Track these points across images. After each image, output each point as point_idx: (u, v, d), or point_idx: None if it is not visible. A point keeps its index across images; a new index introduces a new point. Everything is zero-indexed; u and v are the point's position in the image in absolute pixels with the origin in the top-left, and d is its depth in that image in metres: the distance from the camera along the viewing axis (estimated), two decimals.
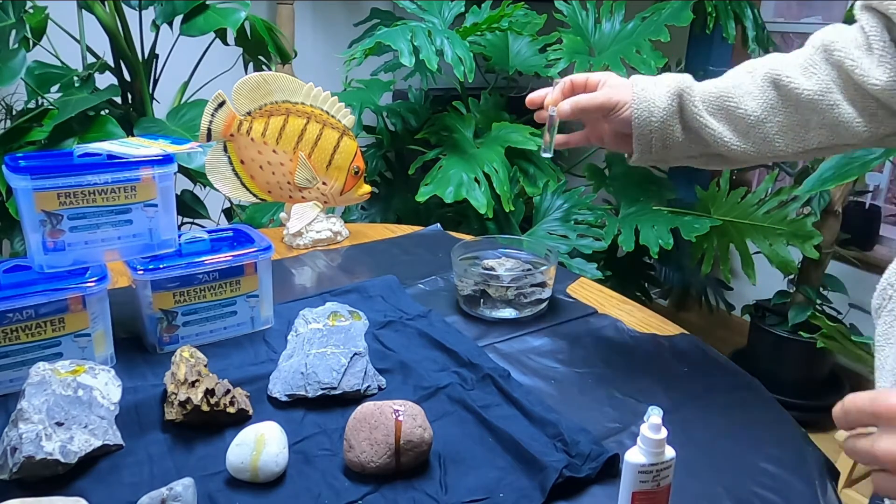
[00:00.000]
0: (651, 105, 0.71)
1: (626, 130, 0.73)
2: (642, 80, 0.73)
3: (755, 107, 0.69)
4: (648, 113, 0.71)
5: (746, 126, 0.70)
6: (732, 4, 1.96)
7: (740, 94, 0.70)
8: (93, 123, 1.48)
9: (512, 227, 1.80)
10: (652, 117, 0.71)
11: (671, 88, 0.71)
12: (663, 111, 0.71)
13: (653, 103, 0.71)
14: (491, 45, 2.07)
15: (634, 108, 0.71)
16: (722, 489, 0.59)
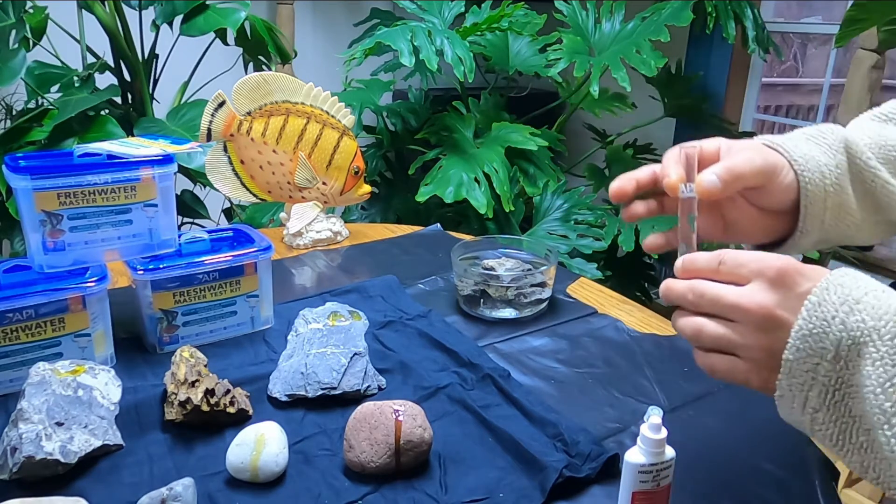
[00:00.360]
0: (818, 163, 0.53)
1: (779, 206, 0.54)
2: (781, 139, 0.55)
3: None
4: (820, 175, 0.53)
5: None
6: (732, 4, 1.96)
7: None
8: (93, 123, 1.48)
9: (512, 227, 1.80)
10: (825, 179, 0.53)
11: (833, 140, 0.55)
12: (835, 169, 0.53)
13: (819, 161, 0.53)
14: (491, 45, 2.07)
15: (802, 170, 0.52)
16: (722, 489, 0.59)
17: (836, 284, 0.41)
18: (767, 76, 2.58)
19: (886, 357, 0.38)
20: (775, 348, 0.42)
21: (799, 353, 0.41)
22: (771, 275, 0.43)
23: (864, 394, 0.39)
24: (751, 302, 0.43)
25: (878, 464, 0.40)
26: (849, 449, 0.41)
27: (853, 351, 0.40)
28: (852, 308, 0.40)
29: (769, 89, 3.17)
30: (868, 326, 0.39)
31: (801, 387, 0.42)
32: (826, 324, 0.40)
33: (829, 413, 0.41)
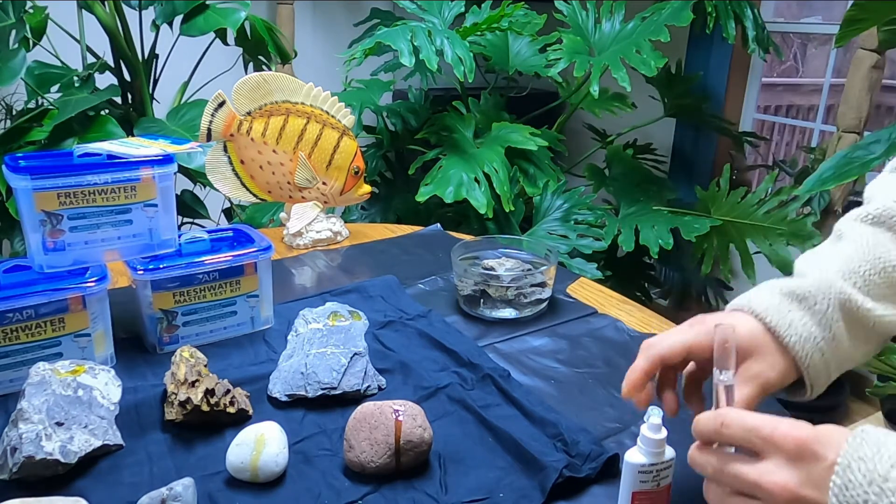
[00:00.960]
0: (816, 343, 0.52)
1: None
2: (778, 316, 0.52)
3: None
4: (820, 354, 0.52)
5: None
6: (732, 4, 1.97)
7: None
8: (93, 123, 1.48)
9: (512, 227, 1.80)
10: (825, 355, 0.52)
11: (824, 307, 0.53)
12: (832, 341, 0.52)
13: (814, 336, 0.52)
14: (491, 45, 2.07)
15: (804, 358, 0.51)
16: None
17: (857, 459, 0.38)
18: (767, 76, 2.58)
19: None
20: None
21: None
22: (790, 449, 0.41)
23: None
24: (774, 484, 0.41)
25: None
26: None
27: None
28: (882, 488, 0.37)
29: (769, 89, 3.17)
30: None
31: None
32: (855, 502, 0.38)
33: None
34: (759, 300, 0.53)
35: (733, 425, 0.43)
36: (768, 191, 1.85)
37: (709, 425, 0.45)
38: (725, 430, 0.44)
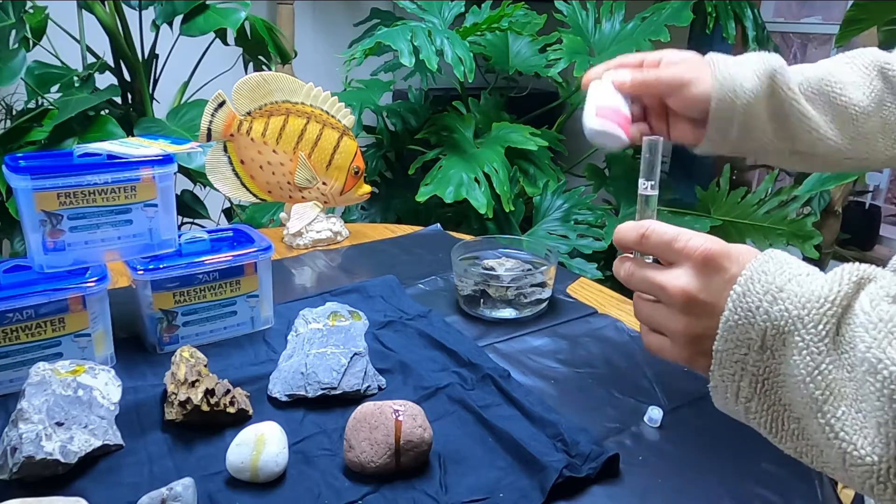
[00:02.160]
0: (735, 84, 0.60)
1: (694, 114, 0.62)
2: (721, 57, 0.62)
3: (860, 97, 0.61)
4: (732, 94, 0.60)
5: (847, 118, 0.61)
6: (732, 4, 1.97)
7: (843, 80, 0.61)
8: (93, 123, 1.48)
9: (512, 227, 1.80)
10: (737, 99, 0.60)
11: (761, 68, 0.60)
12: (750, 92, 0.60)
13: (738, 83, 0.60)
14: (491, 45, 2.07)
15: (716, 88, 0.60)
16: (722, 489, 0.59)
17: (760, 272, 0.40)
18: None
19: (811, 345, 0.38)
20: (698, 332, 0.43)
21: (727, 344, 0.41)
22: (697, 258, 0.43)
23: (793, 383, 0.39)
24: (675, 286, 0.44)
25: (810, 450, 0.40)
26: (782, 436, 0.41)
27: (778, 340, 0.39)
28: (776, 297, 0.39)
29: None
30: (792, 315, 0.38)
31: (732, 377, 0.41)
32: (751, 314, 0.40)
33: (760, 402, 0.41)
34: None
35: (653, 236, 0.46)
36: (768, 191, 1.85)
37: (630, 234, 0.47)
38: (645, 241, 0.46)
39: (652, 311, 0.46)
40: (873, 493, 0.36)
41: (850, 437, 0.36)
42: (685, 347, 0.45)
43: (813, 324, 0.38)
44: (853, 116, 0.61)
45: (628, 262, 0.48)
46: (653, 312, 0.46)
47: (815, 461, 0.40)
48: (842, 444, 0.37)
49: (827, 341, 0.37)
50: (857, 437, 0.36)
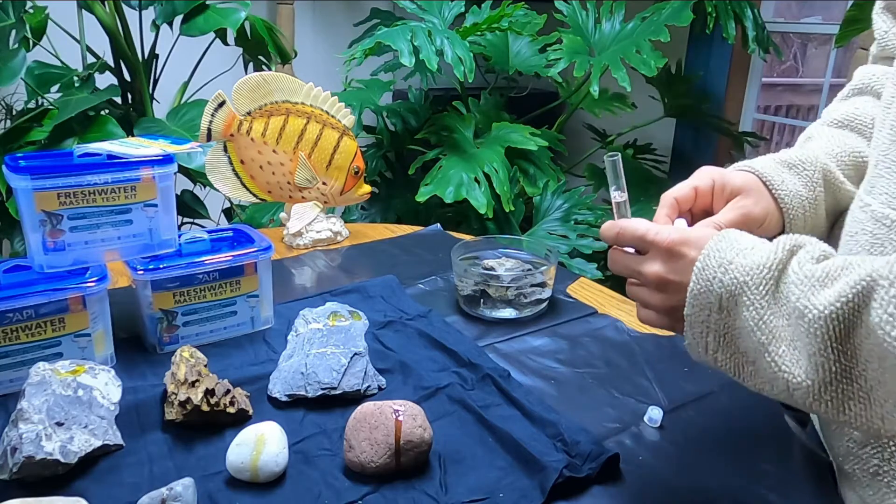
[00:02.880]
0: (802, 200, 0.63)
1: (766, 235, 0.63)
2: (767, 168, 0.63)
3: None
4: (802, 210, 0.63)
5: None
6: (732, 4, 1.97)
7: (862, 147, 0.65)
8: (93, 123, 1.48)
9: (512, 227, 1.80)
10: (806, 212, 0.63)
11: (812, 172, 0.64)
12: (814, 202, 0.64)
13: (801, 196, 0.63)
14: (491, 45, 2.07)
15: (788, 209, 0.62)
16: (722, 489, 0.59)
17: (714, 250, 0.50)
18: (767, 76, 2.59)
19: (756, 302, 0.47)
20: (672, 304, 0.53)
21: (693, 309, 0.51)
22: (664, 248, 0.53)
23: (746, 333, 0.48)
24: (649, 271, 0.54)
25: (764, 385, 0.49)
26: (744, 377, 0.50)
27: (731, 301, 0.49)
28: (727, 269, 0.49)
29: (769, 89, 3.17)
30: (740, 281, 0.48)
31: (701, 335, 0.51)
32: (710, 283, 0.49)
33: (724, 352, 0.51)
34: (759, 163, 0.64)
35: (626, 233, 0.55)
36: None
37: (608, 233, 0.57)
38: (620, 237, 0.56)
39: (637, 291, 0.56)
40: (812, 409, 0.47)
41: (790, 368, 0.46)
42: (665, 317, 0.55)
43: (756, 286, 0.47)
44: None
45: (615, 254, 0.58)
46: (638, 292, 0.56)
47: (768, 393, 0.49)
48: (785, 375, 0.47)
49: (768, 298, 0.47)
50: (795, 368, 0.46)
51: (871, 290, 0.43)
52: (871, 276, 0.43)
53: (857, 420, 0.46)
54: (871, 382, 0.44)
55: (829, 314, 0.44)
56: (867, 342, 0.43)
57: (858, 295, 0.43)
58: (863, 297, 0.43)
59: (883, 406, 0.44)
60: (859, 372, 0.44)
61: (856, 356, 0.44)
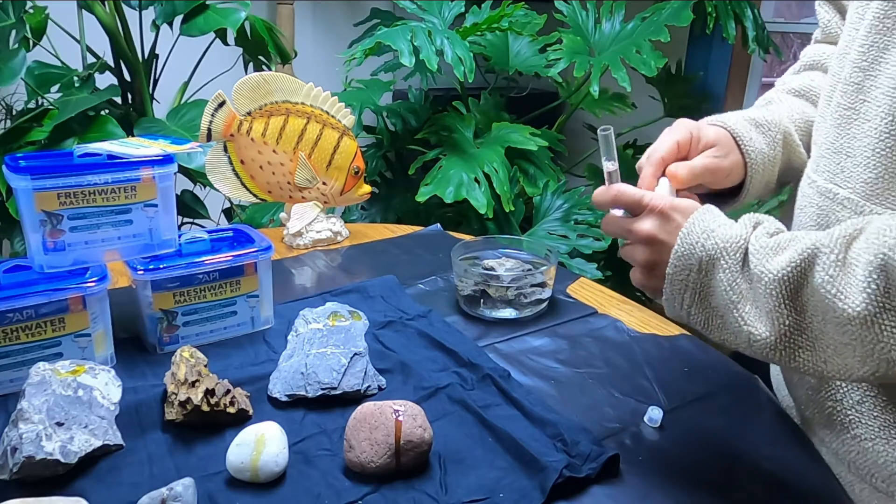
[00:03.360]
0: (764, 157, 0.71)
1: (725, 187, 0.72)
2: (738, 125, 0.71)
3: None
4: (763, 167, 0.71)
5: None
6: (732, 4, 1.97)
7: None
8: (93, 123, 1.48)
9: (512, 227, 1.80)
10: (766, 170, 0.72)
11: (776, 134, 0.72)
12: (773, 160, 0.72)
13: (765, 154, 0.71)
14: (491, 45, 2.07)
15: (752, 164, 0.70)
16: (722, 489, 0.59)
17: (700, 220, 0.57)
18: (767, 76, 2.59)
19: (731, 267, 0.55)
20: (657, 261, 0.59)
21: (675, 268, 0.57)
22: (657, 211, 0.59)
23: (719, 292, 0.56)
24: (640, 230, 0.60)
25: (729, 336, 0.57)
26: (711, 329, 0.58)
27: (710, 264, 0.56)
28: (709, 235, 0.56)
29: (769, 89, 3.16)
30: (719, 247, 0.55)
31: (679, 291, 0.58)
32: (692, 247, 0.56)
33: (697, 308, 0.58)
34: (730, 119, 0.71)
35: (623, 196, 0.61)
36: None
37: (604, 197, 0.63)
38: (617, 200, 0.62)
39: (629, 250, 0.62)
40: (768, 358, 0.55)
41: (752, 324, 0.54)
42: (649, 275, 0.61)
43: (731, 252, 0.55)
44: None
45: (609, 217, 0.63)
46: (630, 250, 0.62)
47: (732, 344, 0.57)
48: (748, 328, 0.55)
49: (740, 264, 0.55)
50: (757, 324, 0.54)
51: (815, 257, 0.51)
52: (816, 245, 0.51)
53: (804, 365, 0.54)
54: (816, 333, 0.52)
55: (781, 277, 0.52)
56: (812, 300, 0.51)
57: (805, 261, 0.51)
58: (808, 262, 0.51)
59: (825, 352, 0.53)
60: (806, 325, 0.53)
61: (804, 312, 0.52)
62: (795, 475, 0.60)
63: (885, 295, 0.47)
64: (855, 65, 0.60)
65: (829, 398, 0.64)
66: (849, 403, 0.63)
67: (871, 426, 0.61)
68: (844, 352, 0.51)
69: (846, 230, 0.51)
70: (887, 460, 0.60)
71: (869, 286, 0.48)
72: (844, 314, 0.49)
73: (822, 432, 0.66)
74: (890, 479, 0.60)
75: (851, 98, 0.60)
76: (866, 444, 0.61)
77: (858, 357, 0.50)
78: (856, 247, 0.50)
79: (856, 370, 0.52)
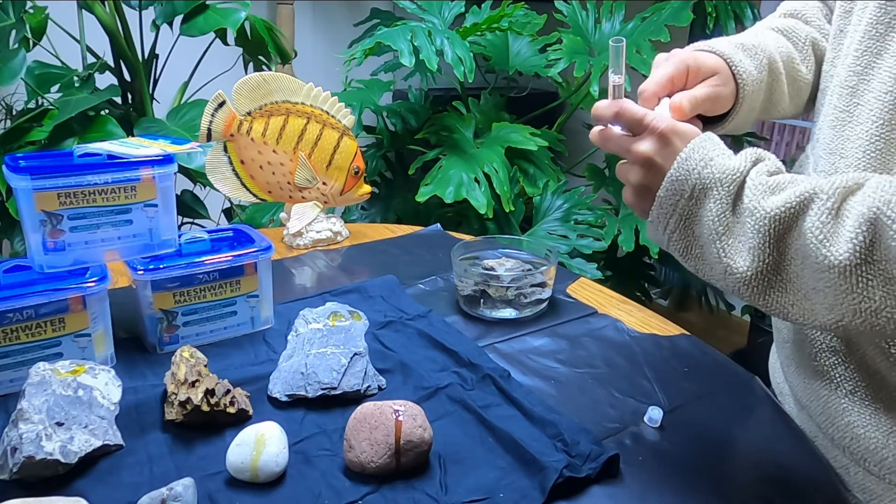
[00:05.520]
0: (753, 80, 0.70)
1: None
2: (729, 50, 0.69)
3: (805, 71, 0.75)
4: (752, 90, 0.70)
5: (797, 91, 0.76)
6: (732, 4, 1.97)
7: (798, 57, 0.74)
8: (93, 123, 1.48)
9: (512, 227, 1.80)
10: (755, 93, 0.71)
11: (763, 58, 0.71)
12: (760, 84, 0.71)
13: (753, 77, 0.69)
14: (491, 45, 2.07)
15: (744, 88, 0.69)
16: (722, 489, 0.59)
17: (699, 147, 0.56)
18: None
19: (722, 199, 0.55)
20: (650, 185, 0.58)
21: (667, 192, 0.57)
22: (656, 133, 0.58)
23: (706, 222, 0.55)
24: (640, 150, 0.59)
25: (704, 267, 0.57)
26: (689, 257, 0.58)
27: (702, 193, 0.55)
28: (707, 164, 0.55)
29: None
30: (715, 177, 0.55)
31: (665, 215, 0.57)
32: (688, 173, 0.56)
33: (680, 234, 0.58)
34: (720, 45, 0.70)
35: (626, 113, 0.60)
36: None
37: (607, 111, 0.61)
38: (619, 116, 0.60)
39: (625, 169, 0.61)
40: (738, 293, 0.55)
41: (732, 258, 0.55)
42: (639, 195, 0.60)
43: (726, 184, 0.55)
44: (800, 88, 0.76)
45: (604, 130, 0.62)
46: (626, 169, 0.61)
47: (705, 275, 0.58)
48: (727, 261, 0.55)
49: (732, 197, 0.55)
50: (736, 257, 0.54)
51: (810, 201, 0.51)
52: (814, 190, 0.51)
53: (772, 305, 0.55)
54: (791, 276, 0.53)
55: (774, 216, 0.52)
56: (796, 243, 0.52)
57: (801, 203, 0.51)
58: (803, 206, 0.51)
59: (795, 295, 0.54)
60: (784, 266, 0.53)
61: (786, 253, 0.53)
62: (795, 475, 0.60)
63: (868, 248, 0.48)
64: (850, 69, 0.61)
65: (824, 387, 0.66)
66: (842, 392, 0.64)
67: (863, 414, 0.63)
68: (814, 297, 0.52)
69: (847, 181, 0.51)
70: (877, 446, 0.62)
71: (856, 237, 0.48)
72: (826, 261, 0.49)
73: (818, 419, 0.68)
74: (882, 464, 0.62)
75: (846, 101, 0.62)
76: (859, 430, 0.63)
77: (827, 304, 0.51)
78: (852, 199, 0.50)
79: (820, 316, 0.53)
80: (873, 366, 0.62)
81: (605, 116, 0.61)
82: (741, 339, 2.24)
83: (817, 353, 0.68)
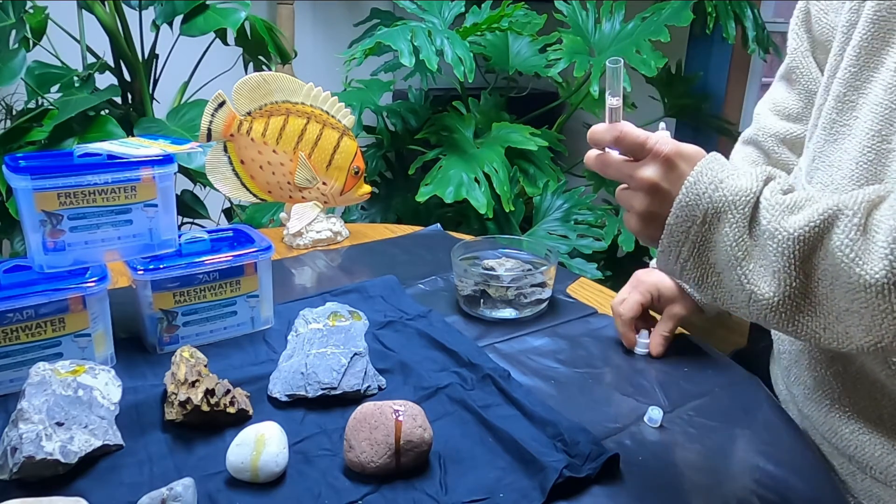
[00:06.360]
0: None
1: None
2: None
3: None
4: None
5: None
6: (732, 4, 1.97)
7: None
8: (93, 123, 1.48)
9: (512, 227, 1.80)
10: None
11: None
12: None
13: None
14: (491, 45, 2.07)
15: None
16: (722, 489, 0.59)
17: (707, 169, 0.54)
18: (767, 76, 2.58)
19: (739, 221, 0.53)
20: (657, 212, 0.56)
21: (677, 219, 0.54)
22: (660, 158, 0.55)
23: (721, 248, 0.53)
24: (643, 176, 0.56)
25: (724, 295, 0.56)
26: (704, 287, 0.56)
27: (716, 217, 0.53)
28: (717, 186, 0.53)
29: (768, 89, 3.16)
30: (728, 200, 0.53)
31: (678, 244, 0.55)
32: (698, 197, 0.53)
33: (694, 262, 0.55)
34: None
35: (627, 137, 0.57)
36: None
37: (606, 135, 0.58)
38: (620, 141, 0.57)
39: (628, 196, 0.59)
40: (766, 321, 0.53)
41: (755, 284, 0.53)
42: (646, 223, 0.58)
43: (740, 206, 0.53)
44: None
45: (602, 155, 0.59)
46: (628, 196, 0.58)
47: (725, 303, 0.56)
48: (751, 288, 0.53)
49: (747, 219, 0.52)
50: (760, 283, 0.52)
51: (835, 218, 0.49)
52: (838, 206, 0.49)
53: (802, 330, 0.53)
54: (820, 298, 0.51)
55: (798, 236, 0.50)
56: (824, 262, 0.50)
57: (825, 221, 0.49)
58: (828, 223, 0.49)
59: (826, 318, 0.51)
60: (812, 288, 0.51)
61: (813, 274, 0.51)
62: (795, 475, 0.60)
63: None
64: (846, 82, 0.61)
65: (826, 397, 0.67)
66: (844, 403, 0.64)
67: (865, 423, 0.63)
68: (848, 319, 0.50)
69: (870, 195, 0.49)
70: (883, 452, 0.61)
71: (892, 252, 0.46)
72: (860, 280, 0.47)
73: (821, 429, 0.68)
74: (887, 471, 0.62)
75: (841, 113, 0.62)
76: (863, 437, 0.63)
77: (863, 326, 0.49)
78: (878, 212, 0.48)
79: (857, 339, 0.50)
80: (872, 375, 0.62)
81: (603, 141, 0.58)
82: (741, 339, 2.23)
83: (816, 364, 0.67)
